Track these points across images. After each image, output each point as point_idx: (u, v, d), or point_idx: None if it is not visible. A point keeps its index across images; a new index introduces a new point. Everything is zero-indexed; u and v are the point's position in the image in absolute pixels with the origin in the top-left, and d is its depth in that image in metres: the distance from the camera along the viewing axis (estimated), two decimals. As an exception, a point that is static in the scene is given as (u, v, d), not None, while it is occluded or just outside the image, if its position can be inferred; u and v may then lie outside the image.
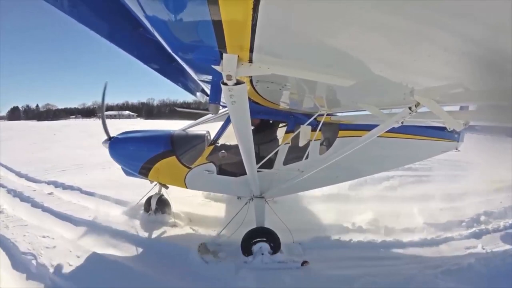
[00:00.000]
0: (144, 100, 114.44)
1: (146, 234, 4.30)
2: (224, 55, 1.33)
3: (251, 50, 1.27)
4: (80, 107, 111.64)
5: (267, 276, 3.37)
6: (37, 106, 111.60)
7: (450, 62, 1.25)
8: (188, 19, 1.12)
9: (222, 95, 1.73)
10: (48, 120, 69.60)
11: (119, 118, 70.75)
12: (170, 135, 4.22)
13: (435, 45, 1.08)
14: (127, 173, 4.39)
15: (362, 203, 5.61)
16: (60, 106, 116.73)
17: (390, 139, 4.08)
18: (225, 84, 1.53)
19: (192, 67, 2.16)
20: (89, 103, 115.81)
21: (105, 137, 4.33)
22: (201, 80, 3.32)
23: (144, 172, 4.12)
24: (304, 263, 3.55)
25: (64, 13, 2.11)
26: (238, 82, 1.53)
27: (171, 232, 4.42)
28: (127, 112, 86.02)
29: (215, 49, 1.30)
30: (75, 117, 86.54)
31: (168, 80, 3.96)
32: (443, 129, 4.23)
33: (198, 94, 5.38)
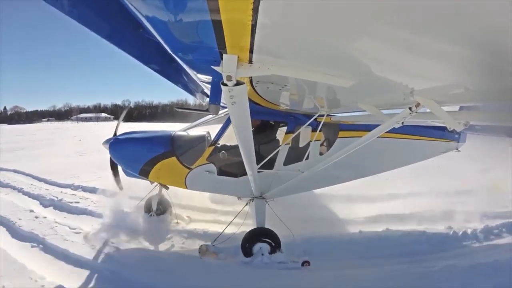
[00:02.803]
0: (118, 102, 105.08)
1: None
2: (224, 55, 1.34)
3: (251, 51, 1.27)
4: (50, 109, 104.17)
5: (267, 277, 3.36)
6: (4, 108, 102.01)
7: (450, 62, 1.25)
8: (188, 20, 1.12)
9: (222, 95, 1.73)
10: (20, 123, 62.83)
11: (96, 120, 67.72)
12: (170, 136, 4.22)
13: (436, 46, 1.07)
14: (128, 174, 4.39)
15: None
16: (29, 108, 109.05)
17: (391, 140, 4.07)
18: (225, 84, 1.53)
19: (192, 68, 2.16)
20: (59, 105, 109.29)
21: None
22: (201, 81, 3.32)
23: (144, 173, 4.12)
24: (304, 263, 3.54)
25: (64, 13, 2.10)
26: (238, 83, 1.53)
27: (173, 233, 4.39)
28: (103, 115, 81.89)
29: (215, 49, 1.30)
30: (48, 120, 79.81)
31: (169, 82, 3.96)
32: (443, 129, 4.23)
33: (198, 95, 5.37)
